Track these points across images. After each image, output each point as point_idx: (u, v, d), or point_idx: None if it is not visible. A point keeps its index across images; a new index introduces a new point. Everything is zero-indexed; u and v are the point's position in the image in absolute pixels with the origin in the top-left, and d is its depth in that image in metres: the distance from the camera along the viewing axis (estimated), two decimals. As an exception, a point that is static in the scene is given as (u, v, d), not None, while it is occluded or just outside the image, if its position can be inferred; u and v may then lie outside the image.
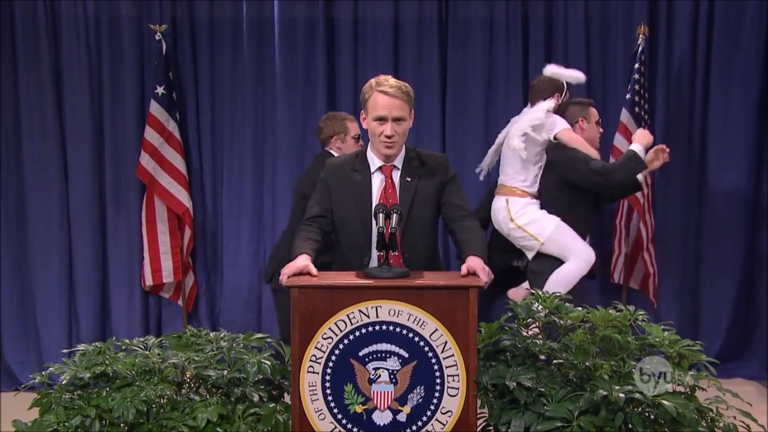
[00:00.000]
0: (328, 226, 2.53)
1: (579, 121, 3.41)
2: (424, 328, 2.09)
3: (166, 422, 2.12)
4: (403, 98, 2.43)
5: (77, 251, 4.22)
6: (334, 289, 2.12)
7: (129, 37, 4.15)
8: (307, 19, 4.16)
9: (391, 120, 2.41)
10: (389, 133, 2.41)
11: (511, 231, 3.37)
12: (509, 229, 3.37)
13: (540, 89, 3.46)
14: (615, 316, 2.26)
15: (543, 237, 3.27)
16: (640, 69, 3.94)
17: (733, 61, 4.16)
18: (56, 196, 4.18)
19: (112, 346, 2.40)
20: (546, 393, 2.06)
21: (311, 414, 2.13)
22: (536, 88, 3.48)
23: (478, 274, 2.18)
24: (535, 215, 3.34)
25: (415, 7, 4.16)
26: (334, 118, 3.51)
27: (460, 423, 2.11)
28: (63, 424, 2.10)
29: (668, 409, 1.96)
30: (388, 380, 2.11)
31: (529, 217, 3.33)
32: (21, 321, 4.24)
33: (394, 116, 2.41)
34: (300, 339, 2.10)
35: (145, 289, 4.25)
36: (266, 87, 4.22)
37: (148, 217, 4.15)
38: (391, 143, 2.43)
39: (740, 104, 4.18)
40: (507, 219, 3.37)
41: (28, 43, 4.11)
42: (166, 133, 4.08)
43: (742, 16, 4.13)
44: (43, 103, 4.14)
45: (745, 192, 4.22)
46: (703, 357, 2.21)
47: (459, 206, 2.50)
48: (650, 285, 4.11)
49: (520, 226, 3.32)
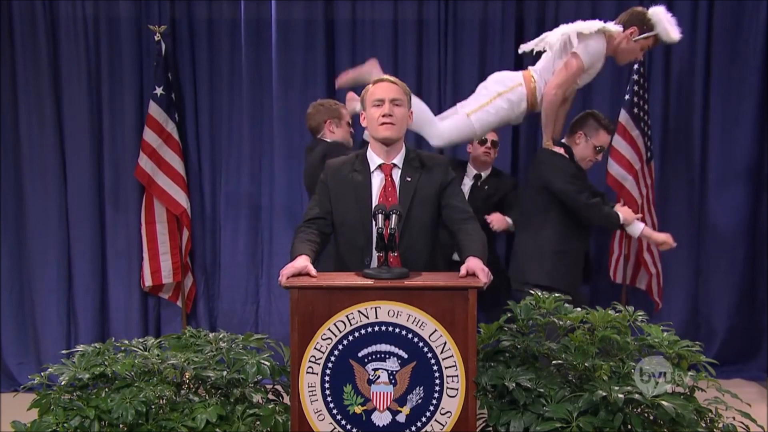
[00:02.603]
0: (327, 227, 2.53)
1: (579, 134, 3.28)
2: (423, 329, 2.09)
3: (165, 423, 2.12)
4: (401, 87, 2.47)
5: (76, 252, 4.22)
6: (334, 289, 2.12)
7: (128, 38, 4.15)
8: (305, 20, 4.15)
9: (388, 101, 2.43)
10: (387, 111, 2.42)
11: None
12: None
13: (624, 14, 3.28)
14: (614, 316, 2.26)
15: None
16: (639, 70, 3.94)
17: (732, 61, 4.16)
18: (55, 197, 4.18)
19: (111, 346, 2.40)
20: (545, 394, 2.06)
21: (310, 415, 2.13)
22: (623, 13, 3.31)
23: (477, 275, 2.17)
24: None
25: (414, 8, 4.16)
26: (325, 103, 3.46)
27: (460, 423, 2.11)
28: (62, 425, 2.10)
29: (667, 410, 1.96)
30: (388, 381, 2.11)
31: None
32: (20, 322, 4.24)
33: (392, 97, 2.43)
34: (299, 340, 2.11)
35: (144, 290, 4.24)
36: (265, 88, 4.22)
37: (147, 218, 4.15)
38: (389, 123, 2.43)
39: (740, 105, 4.18)
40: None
41: (26, 44, 4.11)
42: (165, 134, 4.08)
43: (741, 17, 4.13)
44: (42, 104, 4.13)
45: (745, 192, 4.23)
46: (702, 358, 2.21)
47: (459, 208, 2.49)
48: (653, 285, 4.12)
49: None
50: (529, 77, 3.27)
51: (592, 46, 3.19)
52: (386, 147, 2.49)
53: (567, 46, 3.21)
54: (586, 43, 3.18)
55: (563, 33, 3.22)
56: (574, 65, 3.19)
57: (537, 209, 3.24)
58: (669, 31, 3.27)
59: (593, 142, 3.26)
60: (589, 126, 3.27)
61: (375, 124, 2.45)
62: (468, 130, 3.27)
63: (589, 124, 3.28)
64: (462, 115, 3.29)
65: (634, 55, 3.34)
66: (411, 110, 2.53)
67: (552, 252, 3.19)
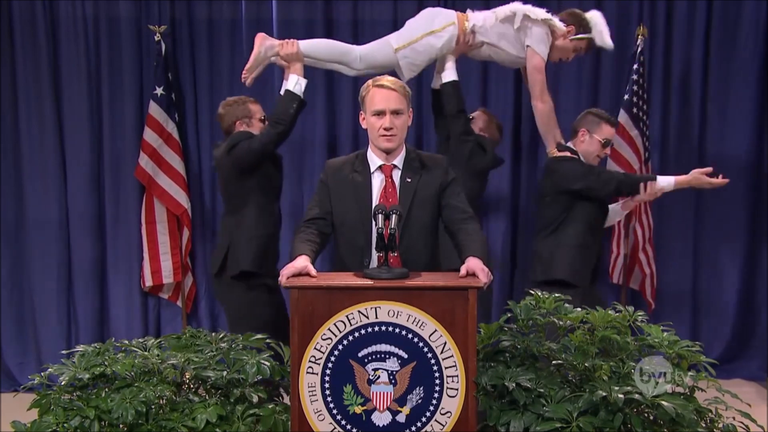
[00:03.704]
0: (327, 228, 2.53)
1: (581, 131, 3.28)
2: (423, 329, 2.09)
3: (165, 423, 2.12)
4: (401, 92, 2.45)
5: (76, 252, 4.22)
6: (334, 290, 2.12)
7: (128, 38, 4.15)
8: (305, 20, 4.16)
9: (389, 112, 2.42)
10: (388, 125, 2.42)
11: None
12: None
13: (564, 13, 3.34)
14: (614, 316, 2.26)
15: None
16: (639, 70, 3.94)
17: (731, 62, 4.17)
18: (55, 197, 4.18)
19: (111, 346, 2.40)
20: (545, 394, 2.06)
21: (310, 415, 2.13)
22: (564, 12, 3.36)
23: (477, 275, 2.17)
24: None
25: (414, 8, 4.15)
26: (234, 103, 3.33)
27: (460, 424, 2.11)
28: (62, 425, 2.10)
29: (667, 410, 1.96)
30: (388, 381, 2.11)
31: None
32: (20, 322, 4.25)
33: (392, 108, 2.42)
34: (299, 340, 2.10)
35: (145, 290, 4.25)
36: (265, 88, 4.22)
37: (147, 218, 4.15)
38: (390, 136, 2.43)
39: (738, 105, 4.18)
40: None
41: (26, 43, 4.11)
42: (165, 134, 4.08)
43: (740, 17, 4.14)
44: (42, 104, 4.14)
45: (744, 193, 4.23)
46: (702, 358, 2.21)
47: (459, 209, 2.49)
48: (647, 286, 4.11)
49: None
50: (462, 18, 3.27)
51: (537, 32, 3.24)
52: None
53: (511, 20, 3.22)
54: (531, 31, 3.22)
55: (512, 8, 3.24)
56: (538, 61, 3.25)
57: (555, 214, 3.24)
58: (604, 35, 3.33)
59: (597, 137, 3.26)
60: (590, 122, 3.28)
61: (376, 134, 2.45)
62: (391, 56, 3.25)
63: (590, 120, 3.28)
64: (383, 39, 3.29)
65: (565, 54, 3.38)
66: (410, 110, 2.52)
67: (573, 246, 3.19)
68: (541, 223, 3.35)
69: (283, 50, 3.23)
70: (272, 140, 3.12)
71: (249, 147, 3.12)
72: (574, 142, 3.31)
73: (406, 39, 3.24)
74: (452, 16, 3.26)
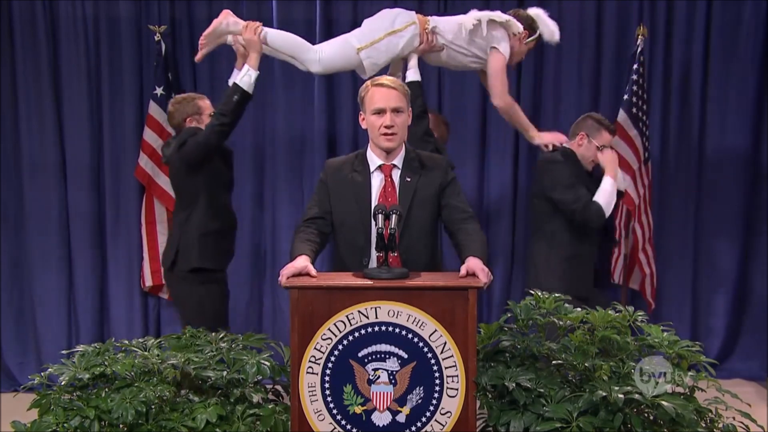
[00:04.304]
0: (326, 227, 2.53)
1: (580, 135, 3.28)
2: (423, 329, 2.09)
3: (165, 423, 2.11)
4: (400, 90, 2.45)
5: (76, 252, 4.22)
6: (333, 290, 2.12)
7: (128, 37, 4.15)
8: (305, 20, 4.15)
9: (389, 111, 2.42)
10: (388, 122, 2.42)
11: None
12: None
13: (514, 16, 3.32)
14: (614, 316, 2.26)
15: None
16: (638, 70, 3.94)
17: (731, 62, 4.17)
18: (55, 197, 4.18)
19: (112, 346, 2.40)
20: (545, 394, 2.06)
21: (310, 415, 2.13)
22: (510, 12, 3.35)
23: (477, 275, 2.17)
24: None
25: (413, 8, 4.14)
26: (183, 100, 3.33)
27: (460, 424, 2.11)
28: (62, 425, 2.10)
29: (667, 410, 1.96)
30: (388, 381, 2.11)
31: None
32: (20, 322, 4.25)
33: (393, 107, 2.42)
34: (299, 340, 2.10)
35: (145, 290, 4.24)
36: (264, 88, 4.21)
37: (147, 218, 4.15)
38: (390, 134, 2.43)
39: (738, 105, 4.19)
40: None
41: (26, 43, 4.11)
42: (165, 134, 4.07)
43: (740, 18, 4.14)
44: (42, 104, 4.14)
45: (742, 193, 4.24)
46: (702, 358, 2.21)
47: (459, 208, 2.49)
48: (647, 286, 4.11)
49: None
50: (423, 19, 3.26)
51: (500, 34, 3.24)
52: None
53: (477, 29, 3.21)
54: (494, 33, 3.22)
55: (476, 17, 3.23)
56: (501, 60, 3.24)
57: (546, 216, 3.26)
58: (551, 28, 3.34)
59: (595, 143, 3.27)
60: (589, 127, 3.28)
61: (376, 133, 2.45)
62: (353, 58, 3.21)
63: (590, 126, 3.28)
64: (342, 38, 3.26)
65: (521, 57, 3.39)
66: (409, 109, 2.52)
67: (564, 258, 3.21)
68: (534, 224, 3.37)
69: (245, 33, 3.18)
70: (215, 133, 3.11)
71: (195, 141, 3.15)
72: (571, 145, 3.32)
73: (368, 39, 3.21)
74: (413, 16, 3.26)
